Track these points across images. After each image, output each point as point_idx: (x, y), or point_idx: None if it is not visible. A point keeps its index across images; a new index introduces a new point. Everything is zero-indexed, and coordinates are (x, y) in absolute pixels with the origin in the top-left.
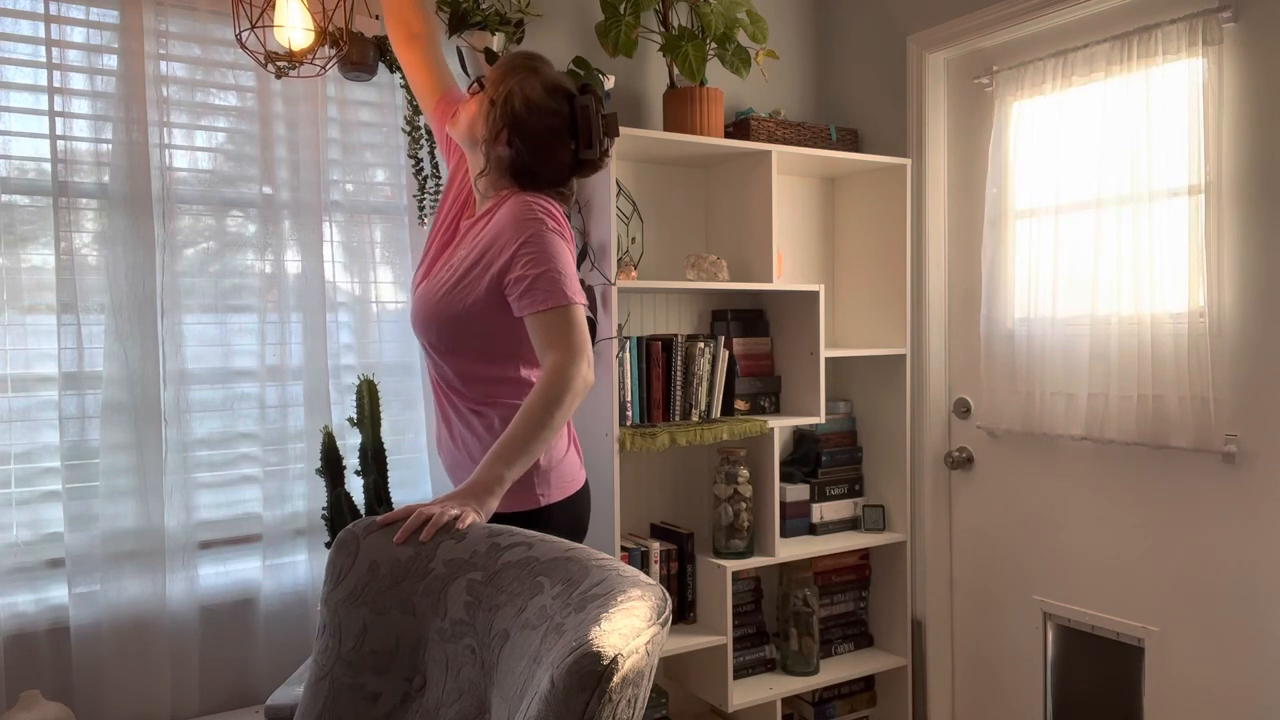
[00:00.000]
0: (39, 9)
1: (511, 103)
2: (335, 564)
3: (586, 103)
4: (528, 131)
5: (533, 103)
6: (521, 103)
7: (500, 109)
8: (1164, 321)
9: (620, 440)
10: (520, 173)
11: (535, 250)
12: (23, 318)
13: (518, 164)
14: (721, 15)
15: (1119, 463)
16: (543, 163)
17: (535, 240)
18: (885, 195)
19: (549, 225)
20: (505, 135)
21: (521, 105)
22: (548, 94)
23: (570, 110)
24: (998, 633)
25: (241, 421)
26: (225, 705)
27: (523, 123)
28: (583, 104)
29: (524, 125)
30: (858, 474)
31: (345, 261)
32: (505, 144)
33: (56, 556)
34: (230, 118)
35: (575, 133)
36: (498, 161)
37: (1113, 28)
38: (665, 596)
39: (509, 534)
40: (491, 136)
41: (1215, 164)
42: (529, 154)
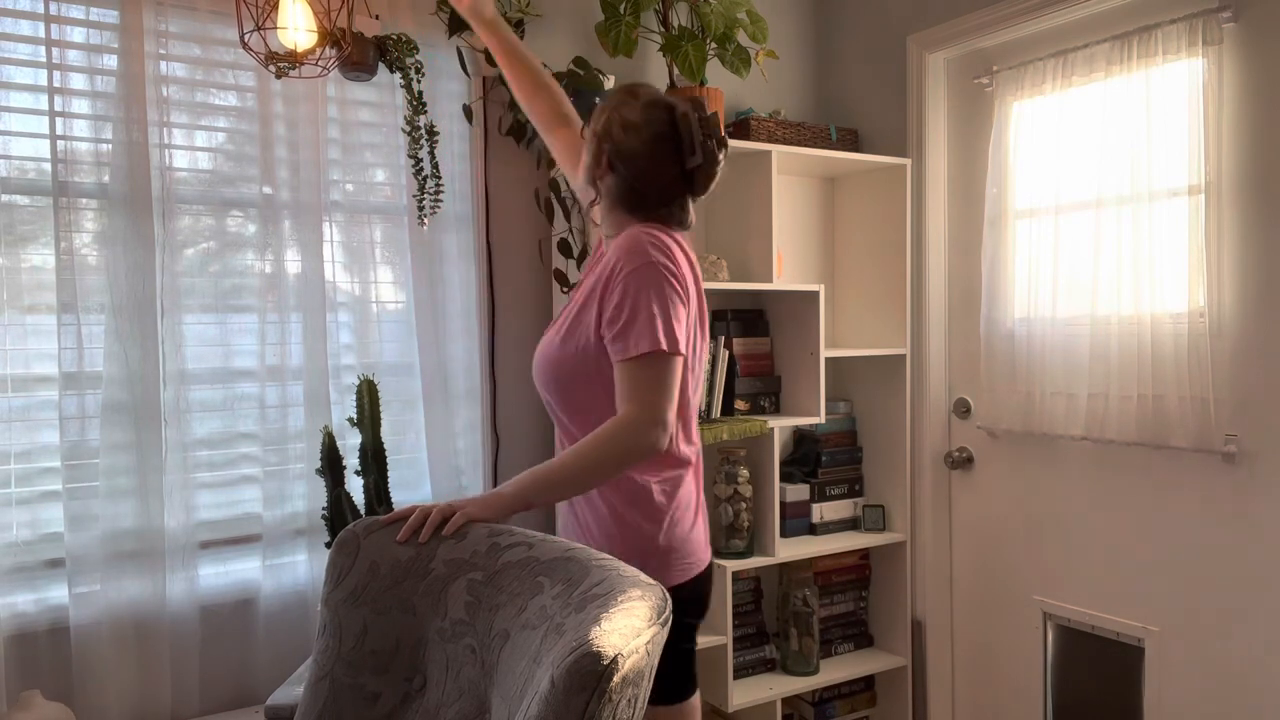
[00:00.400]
0: (39, 9)
1: (610, 129)
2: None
3: (685, 110)
4: (627, 153)
5: (630, 124)
6: (619, 126)
7: (600, 138)
8: (1164, 321)
9: None
10: (629, 197)
11: (634, 287)
12: (23, 318)
13: (624, 189)
14: (721, 15)
15: (1119, 463)
16: (649, 182)
17: (636, 276)
18: (885, 195)
19: (656, 259)
20: (607, 162)
21: (619, 129)
22: (645, 111)
23: (671, 121)
24: (998, 633)
25: (241, 421)
26: (225, 705)
27: (621, 145)
28: (681, 112)
29: (623, 147)
30: (858, 474)
31: (345, 261)
32: (609, 170)
33: (56, 556)
34: (230, 118)
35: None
36: (608, 192)
37: (1113, 28)
38: (665, 596)
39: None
40: (596, 165)
41: (1215, 164)
42: (633, 175)
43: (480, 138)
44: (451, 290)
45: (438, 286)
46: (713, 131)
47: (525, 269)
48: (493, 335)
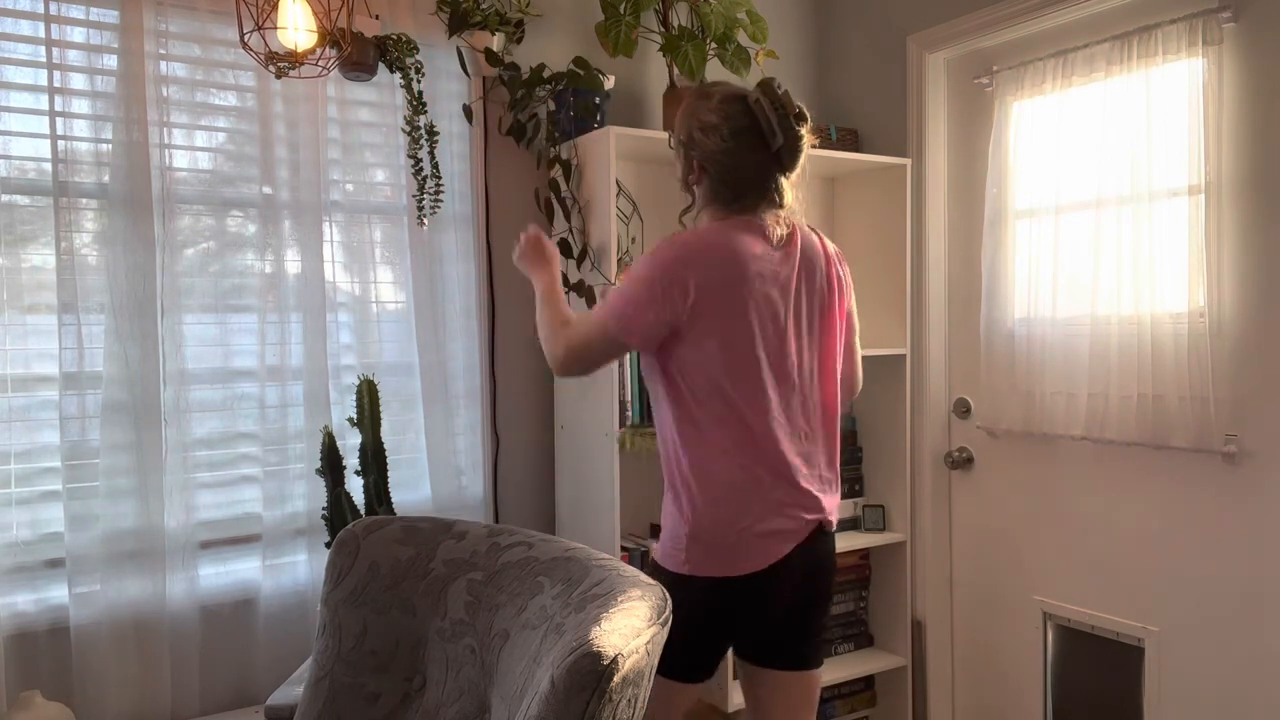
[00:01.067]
0: (39, 9)
1: (692, 135)
2: (335, 564)
3: (756, 96)
4: (713, 153)
5: (708, 125)
6: (700, 130)
7: (686, 146)
8: (1164, 321)
9: (620, 440)
10: (723, 196)
11: (634, 267)
12: (23, 318)
13: (718, 185)
14: (721, 15)
15: (1119, 463)
16: (738, 174)
17: (642, 258)
18: (885, 195)
19: (660, 249)
20: (698, 166)
21: (700, 133)
22: (721, 108)
23: (747, 111)
24: (998, 633)
25: (241, 421)
26: (225, 705)
27: (705, 147)
28: (754, 99)
29: (707, 149)
30: (858, 474)
31: (345, 261)
32: (702, 172)
33: (56, 556)
34: (230, 118)
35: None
36: (703, 197)
37: (1113, 28)
38: (665, 596)
39: (509, 534)
40: (689, 172)
41: (1215, 164)
42: (723, 172)
43: (480, 138)
44: (451, 290)
45: (438, 286)
46: (789, 109)
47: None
48: (493, 335)
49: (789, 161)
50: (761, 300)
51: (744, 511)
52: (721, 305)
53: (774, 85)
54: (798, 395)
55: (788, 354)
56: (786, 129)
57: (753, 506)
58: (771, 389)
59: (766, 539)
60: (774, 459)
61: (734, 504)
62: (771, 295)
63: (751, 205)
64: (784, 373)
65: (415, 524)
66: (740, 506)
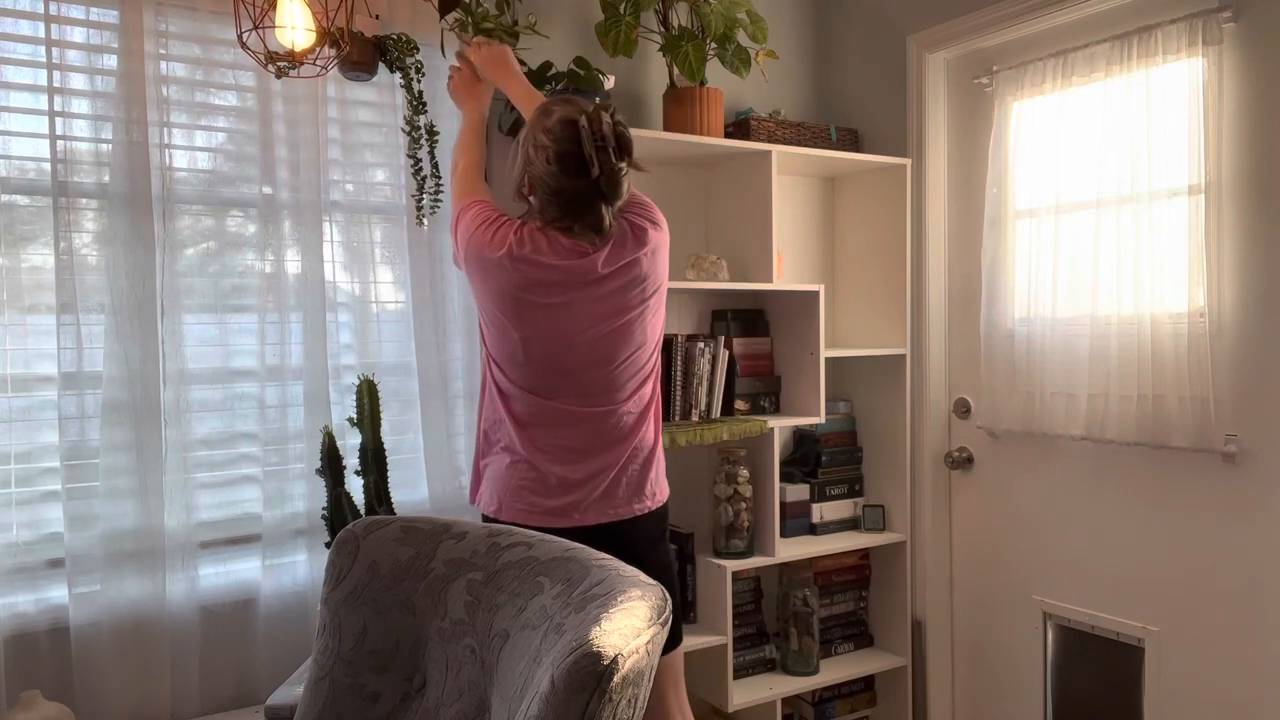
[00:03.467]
0: (39, 9)
1: (527, 150)
2: (335, 564)
3: (583, 122)
4: (536, 175)
5: (539, 145)
6: (532, 147)
7: (523, 161)
8: (1164, 321)
9: None
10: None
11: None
12: (23, 318)
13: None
14: (721, 15)
15: (1119, 463)
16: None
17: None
18: (885, 195)
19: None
20: (527, 182)
21: (532, 149)
22: (553, 130)
23: (576, 136)
24: (998, 633)
25: (241, 421)
26: (225, 705)
27: (533, 166)
28: (582, 125)
29: (535, 170)
30: (858, 474)
31: (345, 261)
32: (531, 189)
33: (56, 556)
34: (230, 118)
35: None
36: (533, 209)
37: (1113, 28)
38: (665, 596)
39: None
40: (520, 186)
41: (1215, 164)
42: (550, 195)
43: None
44: (451, 290)
45: (438, 286)
46: (607, 141)
47: None
48: None
49: (610, 192)
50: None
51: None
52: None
53: (603, 114)
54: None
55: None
56: (603, 161)
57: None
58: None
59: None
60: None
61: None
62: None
63: (569, 227)
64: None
65: (415, 524)
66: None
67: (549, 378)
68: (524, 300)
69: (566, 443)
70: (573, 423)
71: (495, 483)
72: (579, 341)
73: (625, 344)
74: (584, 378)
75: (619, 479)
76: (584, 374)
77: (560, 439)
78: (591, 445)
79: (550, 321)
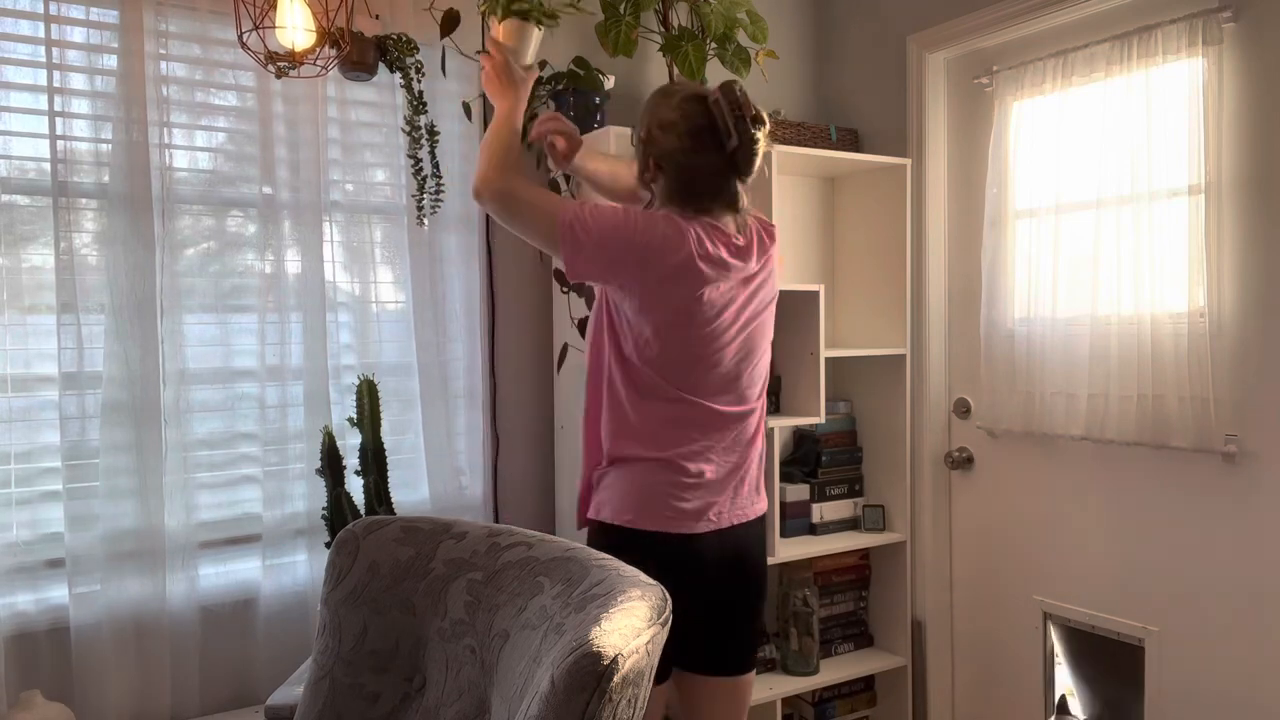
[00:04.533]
0: (39, 9)
1: (651, 132)
2: (335, 564)
3: (716, 97)
4: (669, 151)
5: (667, 123)
6: (658, 128)
7: (645, 143)
8: (1164, 321)
9: None
10: (680, 193)
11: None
12: (23, 318)
13: (674, 186)
14: (721, 15)
15: (1119, 463)
16: (694, 175)
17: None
18: (885, 195)
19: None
20: (653, 164)
21: (658, 130)
22: (681, 107)
23: (706, 111)
24: (998, 633)
25: (241, 421)
26: (225, 705)
27: (661, 144)
28: (713, 99)
29: (665, 148)
30: (858, 474)
31: (345, 261)
32: (658, 170)
33: (56, 556)
34: (230, 118)
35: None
36: (661, 193)
37: (1113, 28)
38: (665, 596)
39: (509, 534)
40: (644, 170)
41: (1215, 164)
42: (679, 171)
43: (480, 137)
44: (451, 290)
45: (438, 286)
46: (745, 111)
47: (525, 269)
48: (493, 335)
49: (744, 165)
50: (737, 286)
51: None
52: (732, 285)
53: (735, 87)
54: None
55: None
56: (742, 131)
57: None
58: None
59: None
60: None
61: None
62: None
63: (707, 207)
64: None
65: (415, 524)
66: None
67: (710, 379)
68: (704, 300)
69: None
70: (726, 424)
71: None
72: (737, 341)
73: (764, 341)
74: (736, 377)
75: (751, 477)
76: (736, 373)
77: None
78: (736, 445)
79: (720, 320)
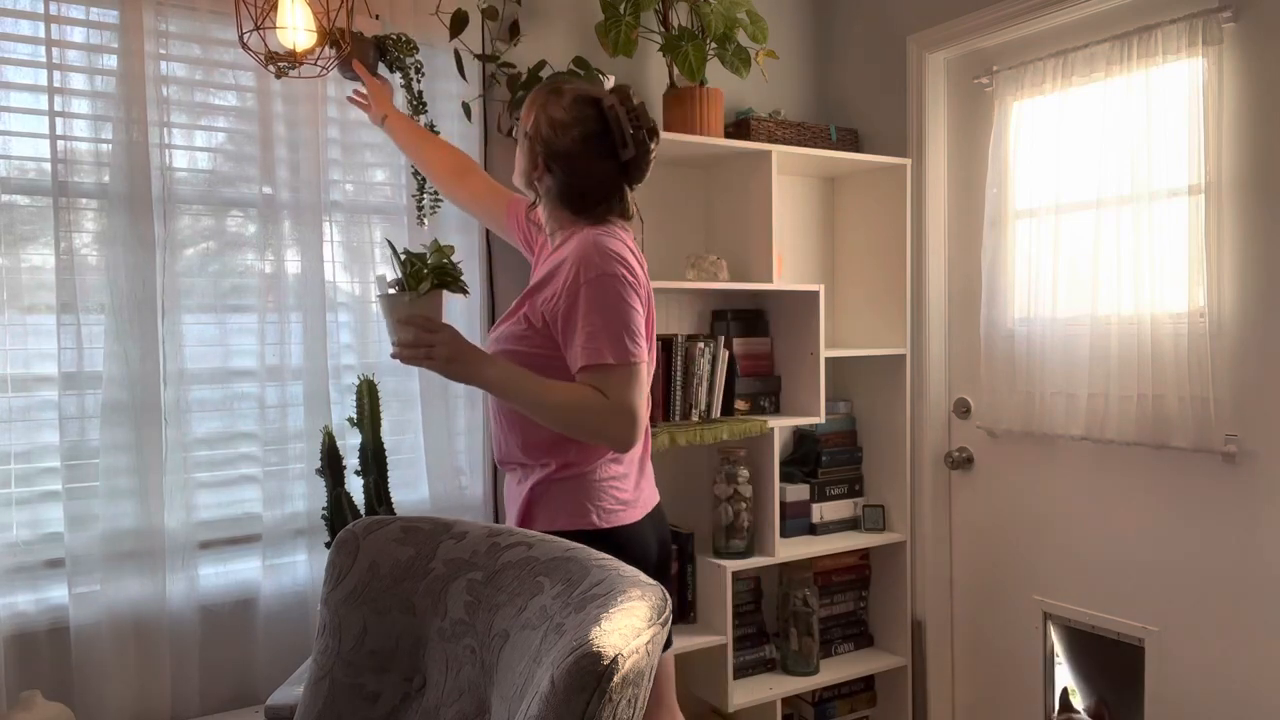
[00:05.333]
0: (39, 9)
1: (540, 129)
2: (335, 564)
3: (611, 102)
4: (561, 151)
5: (558, 122)
6: (548, 125)
7: (532, 139)
8: (1164, 321)
9: None
10: (569, 197)
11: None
12: (23, 318)
13: (564, 188)
14: (721, 15)
15: (1119, 463)
16: (585, 178)
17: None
18: (885, 195)
19: (615, 270)
20: (543, 163)
21: (548, 128)
22: (573, 108)
23: (600, 116)
24: (998, 633)
25: (241, 421)
26: (225, 705)
27: (553, 144)
28: (609, 104)
29: (555, 146)
30: (858, 474)
31: (345, 261)
32: (546, 171)
33: (56, 556)
34: (230, 118)
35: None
36: (548, 193)
37: (1113, 28)
38: (665, 596)
39: (509, 534)
40: (532, 168)
41: (1215, 164)
42: (570, 173)
43: (480, 137)
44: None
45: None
46: (642, 121)
47: (525, 269)
48: None
49: (636, 175)
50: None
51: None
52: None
53: (630, 93)
54: None
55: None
56: (638, 142)
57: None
58: None
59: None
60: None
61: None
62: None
63: (601, 214)
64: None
65: (415, 524)
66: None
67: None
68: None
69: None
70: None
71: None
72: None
73: None
74: None
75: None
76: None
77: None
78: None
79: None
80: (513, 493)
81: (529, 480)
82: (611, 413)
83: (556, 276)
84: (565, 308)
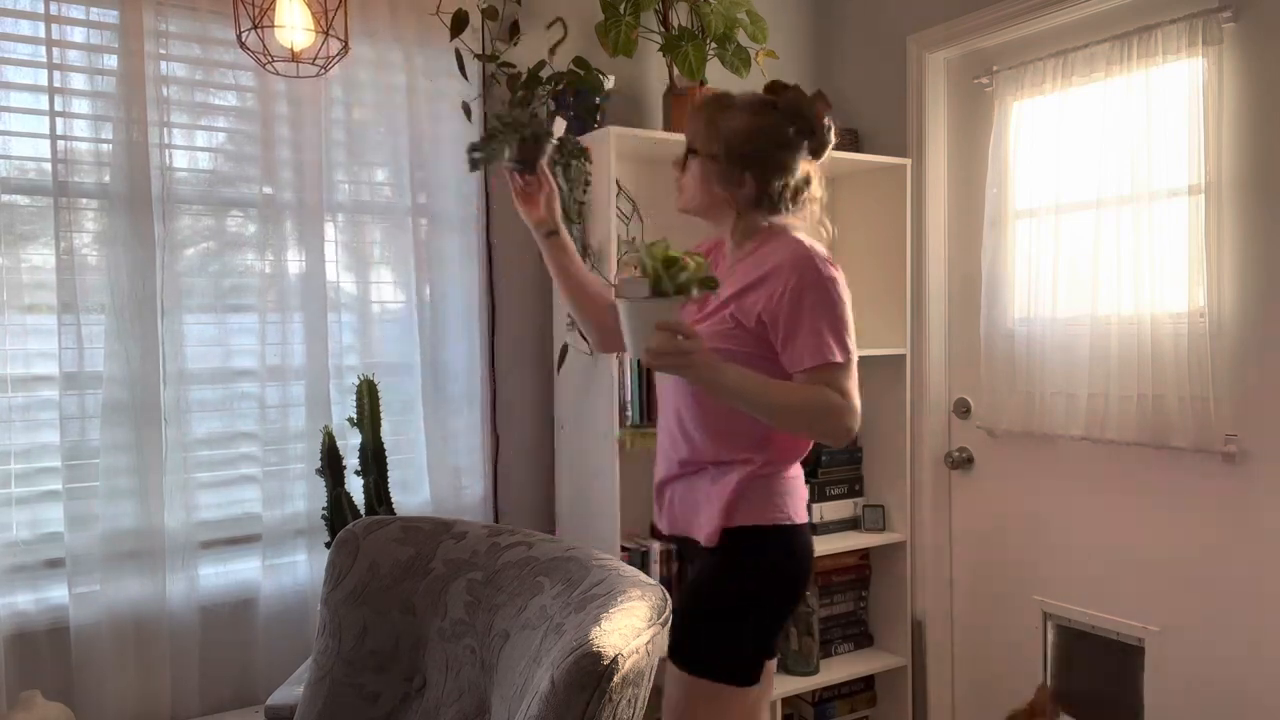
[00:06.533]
0: (39, 9)
1: (731, 143)
2: (335, 564)
3: (790, 98)
4: (756, 158)
5: (741, 130)
6: (739, 138)
7: (725, 156)
8: (1164, 321)
9: (620, 440)
10: (768, 198)
11: (819, 302)
12: (23, 318)
13: (762, 192)
14: (721, 15)
15: (1119, 463)
16: (783, 176)
17: (818, 292)
18: (885, 195)
19: (830, 274)
20: (739, 175)
21: (740, 140)
22: (754, 115)
23: (779, 114)
24: (998, 633)
25: (241, 421)
26: (225, 705)
27: (748, 154)
28: (787, 101)
29: (750, 155)
30: (858, 474)
31: (346, 261)
32: (741, 183)
33: (56, 556)
34: (230, 118)
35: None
36: (745, 201)
37: (1113, 28)
38: (665, 597)
39: (509, 534)
40: (727, 182)
41: (1215, 164)
42: (768, 175)
43: (479, 136)
44: (452, 290)
45: (438, 286)
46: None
47: (525, 269)
48: (493, 336)
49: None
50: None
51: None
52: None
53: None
54: None
55: None
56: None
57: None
58: None
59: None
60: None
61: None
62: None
63: (803, 202)
64: None
65: (415, 524)
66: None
67: None
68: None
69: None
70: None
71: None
72: None
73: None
74: None
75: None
76: None
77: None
78: None
79: None
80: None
81: (729, 477)
82: (845, 408)
83: (770, 280)
84: (789, 310)
